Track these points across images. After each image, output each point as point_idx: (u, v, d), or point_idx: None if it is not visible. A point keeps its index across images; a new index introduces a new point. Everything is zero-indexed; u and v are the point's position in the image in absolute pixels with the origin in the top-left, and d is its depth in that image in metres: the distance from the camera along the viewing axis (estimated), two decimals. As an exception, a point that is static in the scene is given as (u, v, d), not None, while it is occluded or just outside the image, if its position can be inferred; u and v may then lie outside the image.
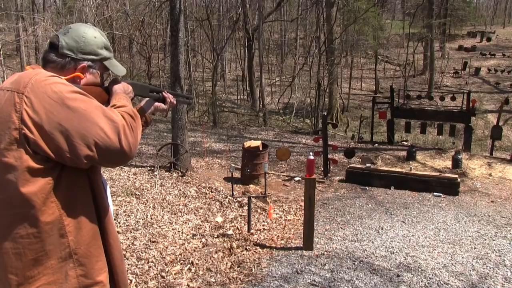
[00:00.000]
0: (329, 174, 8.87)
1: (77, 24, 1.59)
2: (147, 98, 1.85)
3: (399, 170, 8.63)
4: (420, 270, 4.49)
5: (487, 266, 4.64)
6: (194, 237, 5.31)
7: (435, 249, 5.09)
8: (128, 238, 5.13)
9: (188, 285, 4.09)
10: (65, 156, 1.33)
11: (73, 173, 1.40)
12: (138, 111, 1.82)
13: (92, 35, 1.57)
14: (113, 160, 1.40)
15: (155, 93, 1.88)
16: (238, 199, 6.80)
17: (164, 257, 4.67)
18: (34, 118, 1.30)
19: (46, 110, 1.30)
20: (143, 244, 5.00)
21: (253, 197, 6.40)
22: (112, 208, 1.66)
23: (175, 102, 1.96)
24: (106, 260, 1.52)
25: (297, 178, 8.74)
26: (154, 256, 4.69)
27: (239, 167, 8.69)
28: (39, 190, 1.33)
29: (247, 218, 5.62)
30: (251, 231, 5.53)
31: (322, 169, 8.97)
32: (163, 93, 1.90)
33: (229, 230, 5.58)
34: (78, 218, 1.42)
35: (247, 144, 8.55)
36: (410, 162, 9.84)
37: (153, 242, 5.08)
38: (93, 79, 1.60)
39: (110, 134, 1.33)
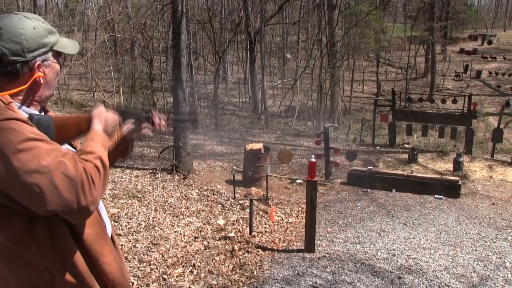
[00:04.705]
0: (330, 177, 8.89)
1: (4, 20, 1.34)
2: (132, 121, 1.70)
3: (401, 172, 8.64)
4: (421, 272, 4.50)
5: (487, 268, 4.65)
6: (196, 240, 5.33)
7: (436, 251, 5.10)
8: (130, 241, 5.15)
9: (190, 287, 4.10)
10: (20, 205, 1.23)
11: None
12: (120, 138, 1.72)
13: (30, 27, 1.35)
14: (68, 217, 1.27)
15: (144, 113, 1.72)
16: (240, 201, 6.82)
17: (166, 260, 4.69)
18: None
19: None
20: (145, 246, 5.02)
21: (255, 199, 6.42)
22: (108, 225, 1.62)
23: (165, 126, 1.78)
24: (104, 276, 1.48)
25: (299, 181, 8.76)
26: (156, 258, 4.71)
27: (241, 169, 8.71)
28: (12, 235, 1.28)
29: (249, 221, 5.64)
30: (253, 233, 5.54)
31: (324, 171, 8.99)
32: (152, 116, 1.73)
33: (231, 232, 5.60)
34: (62, 255, 1.35)
35: (249, 146, 8.57)
36: (412, 165, 9.85)
37: (155, 244, 5.10)
38: (53, 72, 1.45)
39: (67, 194, 1.18)
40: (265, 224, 6.06)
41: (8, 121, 1.20)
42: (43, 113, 1.45)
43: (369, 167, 8.88)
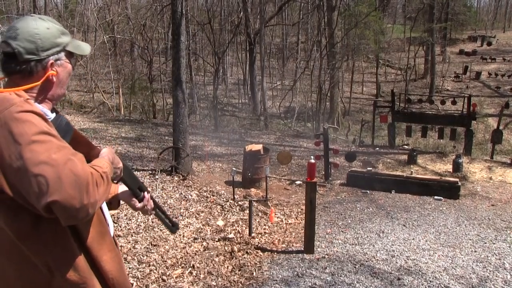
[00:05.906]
0: (330, 178, 8.88)
1: (20, 21, 1.42)
2: (127, 188, 1.73)
3: (400, 173, 8.64)
4: (420, 273, 4.50)
5: (487, 269, 4.65)
6: (195, 241, 5.33)
7: (435, 253, 5.10)
8: (129, 242, 5.15)
9: (189, 288, 4.10)
10: (25, 200, 1.25)
11: None
12: (114, 194, 1.75)
13: (44, 27, 1.41)
14: (65, 216, 1.23)
15: (139, 189, 1.74)
16: (239, 202, 6.82)
17: (165, 261, 4.68)
18: None
19: (7, 151, 1.21)
20: (144, 247, 5.02)
21: (254, 200, 6.42)
22: (111, 224, 1.64)
23: (150, 210, 1.81)
24: (104, 275, 1.50)
25: (298, 182, 8.75)
26: (155, 259, 4.70)
27: (240, 170, 8.71)
28: (18, 229, 1.31)
29: (248, 222, 5.64)
30: (252, 234, 5.54)
31: (323, 172, 8.99)
32: (145, 193, 1.76)
33: (230, 233, 5.60)
34: (65, 252, 1.38)
35: (249, 147, 8.57)
36: (411, 166, 9.85)
37: (154, 245, 5.09)
38: (65, 72, 1.50)
39: (70, 189, 1.18)
40: (265, 225, 6.06)
41: (26, 113, 1.25)
42: (55, 114, 1.49)
43: (368, 168, 8.88)
